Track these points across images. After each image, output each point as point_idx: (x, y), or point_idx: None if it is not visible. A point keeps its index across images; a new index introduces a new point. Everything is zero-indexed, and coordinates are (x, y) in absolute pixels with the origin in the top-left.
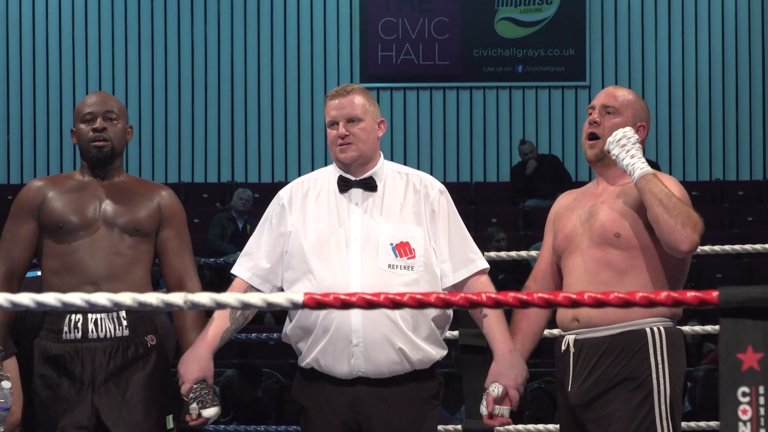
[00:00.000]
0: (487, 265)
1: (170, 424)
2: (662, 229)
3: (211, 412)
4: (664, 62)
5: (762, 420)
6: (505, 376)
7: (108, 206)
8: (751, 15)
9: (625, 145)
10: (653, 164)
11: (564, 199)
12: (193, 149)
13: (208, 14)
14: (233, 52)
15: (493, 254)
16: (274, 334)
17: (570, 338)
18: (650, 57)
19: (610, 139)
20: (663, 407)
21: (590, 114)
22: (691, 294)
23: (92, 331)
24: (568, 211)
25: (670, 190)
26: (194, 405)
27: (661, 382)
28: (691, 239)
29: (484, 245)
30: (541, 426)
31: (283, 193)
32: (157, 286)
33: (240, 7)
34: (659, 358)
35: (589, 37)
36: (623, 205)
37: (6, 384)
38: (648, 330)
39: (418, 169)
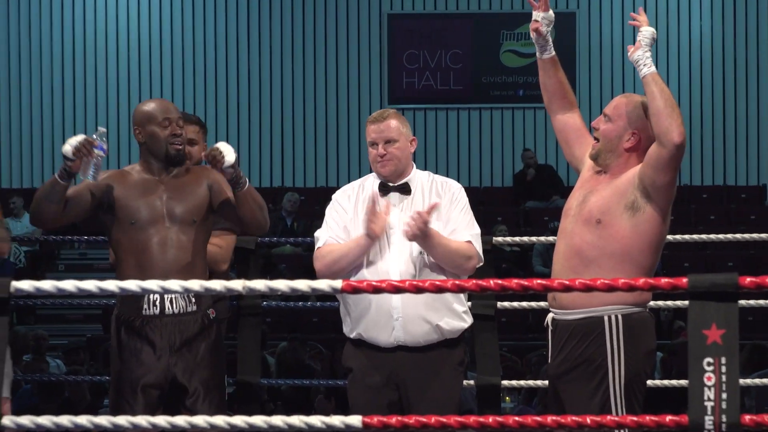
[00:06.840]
0: (473, 238)
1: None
2: (661, 119)
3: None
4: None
5: (723, 385)
6: None
7: (170, 202)
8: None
9: (648, 45)
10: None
11: (591, 162)
12: (249, 157)
13: (273, 35)
14: (282, 79)
15: (500, 239)
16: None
17: (550, 316)
18: (630, 80)
19: (644, 30)
20: (617, 388)
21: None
22: (664, 280)
23: (168, 308)
24: (582, 181)
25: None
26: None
27: (616, 365)
28: (682, 134)
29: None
30: (539, 381)
31: (338, 196)
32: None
33: (300, 38)
34: (615, 343)
35: (578, 66)
36: (610, 191)
37: (102, 128)
38: (606, 317)
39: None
